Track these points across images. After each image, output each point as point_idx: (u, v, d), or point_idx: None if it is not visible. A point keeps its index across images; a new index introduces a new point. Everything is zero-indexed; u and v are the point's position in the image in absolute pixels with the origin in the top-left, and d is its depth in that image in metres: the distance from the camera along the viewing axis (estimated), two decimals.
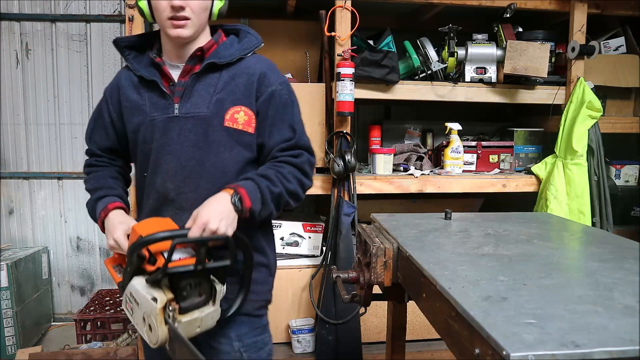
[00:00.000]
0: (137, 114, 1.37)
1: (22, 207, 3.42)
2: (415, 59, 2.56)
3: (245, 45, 1.39)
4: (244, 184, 1.27)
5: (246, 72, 1.35)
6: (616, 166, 2.96)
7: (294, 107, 1.41)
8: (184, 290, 1.16)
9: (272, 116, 1.36)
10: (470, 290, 0.99)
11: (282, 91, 1.37)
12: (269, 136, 1.36)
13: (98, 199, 1.37)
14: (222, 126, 1.32)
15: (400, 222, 1.67)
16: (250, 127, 1.35)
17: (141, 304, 1.15)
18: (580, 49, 2.55)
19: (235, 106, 1.33)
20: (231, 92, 1.33)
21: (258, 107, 1.35)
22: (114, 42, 1.45)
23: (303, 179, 1.37)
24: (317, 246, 2.66)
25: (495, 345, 0.76)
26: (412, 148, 2.84)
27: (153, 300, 1.12)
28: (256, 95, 1.35)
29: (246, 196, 1.24)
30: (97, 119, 1.48)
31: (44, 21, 3.31)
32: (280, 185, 1.31)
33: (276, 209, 1.33)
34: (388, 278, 1.40)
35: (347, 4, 2.42)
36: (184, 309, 1.15)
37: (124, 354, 2.67)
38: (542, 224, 1.70)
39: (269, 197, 1.29)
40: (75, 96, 3.39)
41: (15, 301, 2.95)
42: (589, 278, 1.09)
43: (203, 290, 1.20)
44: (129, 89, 1.39)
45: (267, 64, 1.40)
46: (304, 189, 1.39)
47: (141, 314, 1.15)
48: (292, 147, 1.37)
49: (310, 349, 2.55)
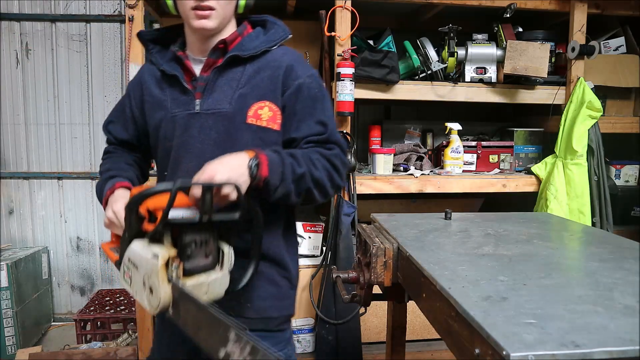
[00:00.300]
0: (158, 109, 1.32)
1: (22, 207, 3.42)
2: (415, 59, 2.56)
3: (271, 37, 1.31)
4: (268, 152, 1.18)
5: (272, 65, 1.27)
6: (616, 166, 2.96)
7: (324, 101, 1.31)
8: (188, 247, 1.05)
9: (300, 110, 1.27)
10: (470, 290, 0.99)
11: (311, 84, 1.29)
12: (296, 130, 1.27)
13: (107, 179, 1.31)
14: (244, 123, 1.25)
15: (400, 222, 1.67)
16: (275, 124, 1.27)
17: (140, 266, 1.04)
18: (580, 49, 2.55)
19: (260, 101, 1.25)
20: (255, 86, 1.26)
21: (284, 101, 1.27)
22: (137, 35, 1.39)
23: (333, 173, 1.26)
24: (317, 246, 2.66)
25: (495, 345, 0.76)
26: (412, 148, 2.84)
27: (154, 258, 1.01)
28: (282, 89, 1.27)
29: (265, 164, 1.14)
30: (118, 112, 1.44)
31: (44, 21, 3.31)
32: (305, 167, 1.20)
33: (296, 192, 1.20)
34: (388, 278, 1.39)
35: (347, 4, 2.42)
36: (188, 271, 1.05)
37: (124, 354, 2.67)
38: (542, 224, 1.70)
39: (289, 175, 1.18)
40: (75, 96, 3.39)
41: (15, 301, 2.95)
42: (589, 278, 1.09)
43: (209, 252, 1.09)
44: (152, 83, 1.34)
45: (295, 56, 1.32)
46: (333, 184, 1.27)
47: (141, 278, 1.04)
48: (323, 142, 1.27)
49: (310, 349, 2.55)
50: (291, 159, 1.19)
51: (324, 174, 1.24)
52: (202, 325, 0.91)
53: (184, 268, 1.04)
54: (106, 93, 3.40)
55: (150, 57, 1.36)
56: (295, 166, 1.19)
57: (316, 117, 1.27)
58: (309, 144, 1.27)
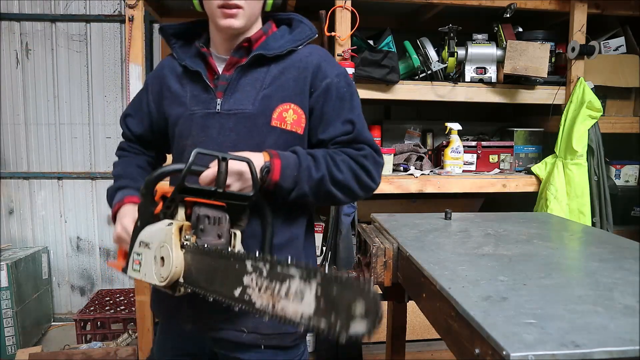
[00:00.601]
0: (177, 105, 1.27)
1: (22, 207, 3.42)
2: (415, 59, 2.56)
3: (297, 36, 1.26)
4: (284, 156, 1.16)
5: (298, 66, 1.23)
6: (616, 166, 2.96)
7: (352, 100, 1.26)
8: (201, 222, 1.04)
9: (328, 112, 1.23)
10: (470, 290, 0.99)
11: (340, 83, 1.24)
12: (324, 132, 1.23)
13: (118, 189, 1.31)
14: (269, 126, 1.20)
15: (400, 222, 1.67)
16: (300, 128, 1.23)
17: (153, 241, 1.04)
18: (580, 49, 2.54)
19: (284, 103, 1.21)
20: (280, 87, 1.21)
21: (312, 103, 1.23)
22: (160, 30, 1.33)
23: (360, 173, 1.21)
24: (317, 246, 2.65)
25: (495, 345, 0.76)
26: (412, 148, 2.84)
27: (168, 225, 1.02)
28: (310, 91, 1.23)
29: (277, 169, 1.13)
30: (136, 106, 1.40)
31: (44, 21, 3.31)
32: (324, 170, 1.17)
33: (313, 195, 1.18)
34: (388, 278, 1.39)
35: (347, 3, 2.42)
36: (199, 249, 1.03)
37: (124, 354, 2.67)
38: (542, 224, 1.70)
39: (305, 179, 1.16)
40: (75, 96, 3.39)
41: (15, 301, 2.95)
42: (589, 278, 1.09)
43: (222, 232, 1.07)
44: (172, 78, 1.30)
45: (322, 54, 1.27)
46: (362, 186, 1.22)
47: (152, 254, 1.03)
48: (351, 141, 1.23)
49: (310, 349, 2.55)
50: (310, 162, 1.17)
51: (349, 176, 1.20)
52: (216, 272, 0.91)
53: (196, 243, 1.03)
54: (106, 93, 3.40)
55: (173, 52, 1.32)
56: (312, 170, 1.16)
57: (343, 116, 1.23)
58: (337, 144, 1.23)
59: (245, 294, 0.83)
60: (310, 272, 0.74)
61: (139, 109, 1.39)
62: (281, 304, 0.77)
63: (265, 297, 0.80)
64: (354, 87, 1.29)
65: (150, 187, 1.07)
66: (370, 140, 1.25)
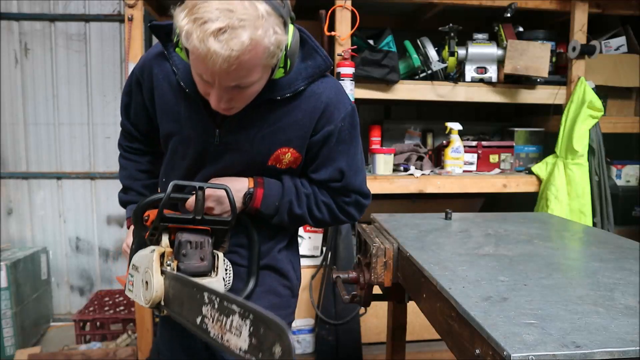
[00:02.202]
0: (170, 119, 1.20)
1: (21, 207, 3.41)
2: (416, 58, 2.55)
3: (310, 70, 1.14)
4: (269, 186, 1.20)
5: (304, 108, 1.15)
6: (617, 166, 2.96)
7: (352, 142, 1.23)
8: (183, 247, 1.10)
9: (323, 155, 1.22)
10: (471, 290, 0.98)
11: (343, 127, 1.19)
12: (314, 172, 1.24)
13: (127, 202, 1.37)
14: (265, 165, 1.20)
15: (400, 222, 1.67)
16: (295, 164, 1.23)
17: (140, 265, 1.10)
18: (581, 49, 2.54)
19: (284, 147, 1.18)
20: (282, 130, 1.16)
21: (310, 144, 1.20)
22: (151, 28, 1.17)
23: (339, 215, 1.27)
24: (317, 246, 2.65)
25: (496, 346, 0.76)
26: (413, 148, 2.83)
27: (151, 252, 1.08)
28: (312, 133, 1.18)
29: (259, 198, 1.19)
30: (130, 95, 1.30)
31: (43, 21, 3.30)
32: (305, 208, 1.24)
33: (291, 224, 1.27)
34: (388, 278, 1.39)
35: (347, 3, 2.41)
36: (183, 271, 1.09)
37: (123, 355, 2.67)
38: (543, 224, 1.70)
39: (285, 211, 1.22)
40: (75, 96, 3.38)
41: (14, 301, 2.94)
42: (590, 278, 1.09)
43: (204, 256, 1.13)
44: (165, 86, 1.18)
45: (332, 94, 1.18)
46: (339, 223, 1.31)
47: (140, 277, 1.10)
48: (339, 189, 1.25)
49: (310, 349, 2.54)
50: (293, 197, 1.22)
51: (328, 216, 1.27)
52: (184, 298, 0.96)
53: (179, 267, 1.09)
54: (105, 93, 3.40)
55: (169, 58, 1.17)
56: (294, 206, 1.22)
57: (336, 164, 1.22)
58: (326, 188, 1.25)
59: (204, 323, 0.88)
60: (246, 310, 0.78)
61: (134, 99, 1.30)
62: (227, 336, 0.81)
63: (217, 327, 0.84)
64: (357, 127, 1.25)
65: (138, 216, 1.13)
66: (358, 187, 1.26)
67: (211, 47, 0.90)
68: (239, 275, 1.27)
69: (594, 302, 0.92)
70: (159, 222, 1.09)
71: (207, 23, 0.90)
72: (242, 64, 0.94)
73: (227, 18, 0.90)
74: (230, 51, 0.91)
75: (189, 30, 0.92)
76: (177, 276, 1.03)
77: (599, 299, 0.94)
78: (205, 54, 0.92)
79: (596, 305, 0.91)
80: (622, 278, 1.07)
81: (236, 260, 1.27)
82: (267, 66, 1.01)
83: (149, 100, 1.25)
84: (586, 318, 0.85)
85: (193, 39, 0.91)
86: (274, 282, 1.33)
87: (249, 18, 0.91)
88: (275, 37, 0.96)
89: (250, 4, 0.92)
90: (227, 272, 1.22)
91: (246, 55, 0.93)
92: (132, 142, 1.39)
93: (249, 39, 0.91)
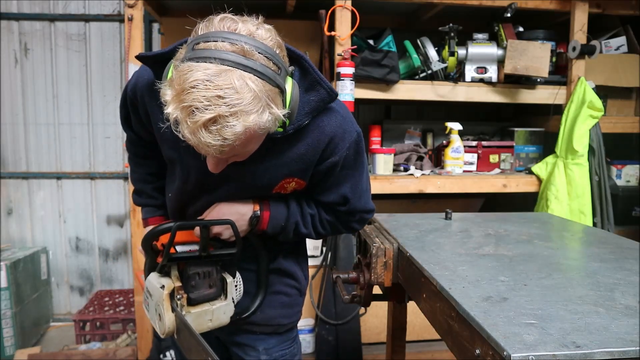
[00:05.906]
0: (169, 146, 1.18)
1: (21, 207, 3.41)
2: (416, 58, 2.55)
3: (314, 105, 1.08)
4: (275, 208, 1.23)
5: (309, 142, 1.12)
6: (617, 166, 2.96)
7: (356, 168, 1.21)
8: (192, 279, 1.15)
9: (328, 181, 1.21)
10: (471, 290, 0.98)
11: (348, 155, 1.17)
12: (319, 194, 1.25)
13: (141, 204, 1.40)
14: (270, 192, 1.20)
15: (401, 222, 1.67)
16: (299, 188, 1.23)
17: (153, 295, 1.16)
18: (581, 49, 2.54)
19: (288, 178, 1.17)
20: (285, 164, 1.14)
21: (314, 172, 1.18)
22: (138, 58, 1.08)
23: (342, 229, 1.33)
24: (317, 246, 2.65)
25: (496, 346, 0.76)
26: (413, 148, 2.83)
27: (160, 288, 1.13)
28: (316, 164, 1.16)
29: (266, 220, 1.22)
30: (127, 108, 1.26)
31: (43, 21, 3.31)
32: (310, 228, 1.27)
33: (296, 238, 1.30)
34: (388, 278, 1.39)
35: (347, 3, 2.41)
36: (193, 300, 1.15)
37: (123, 355, 2.67)
38: (543, 224, 1.69)
39: (291, 231, 1.25)
40: (75, 96, 3.38)
41: (14, 301, 2.94)
42: (590, 278, 1.09)
43: (213, 283, 1.18)
44: (159, 115, 1.04)
45: (339, 123, 1.14)
46: (341, 234, 1.40)
47: (154, 305, 1.16)
48: (345, 212, 1.27)
49: (310, 349, 2.54)
50: (299, 217, 1.25)
51: (331, 231, 1.32)
52: (192, 349, 1.04)
53: (189, 297, 1.14)
54: (105, 93, 3.40)
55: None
56: (299, 226, 1.25)
57: (341, 191, 1.22)
58: (331, 209, 1.27)
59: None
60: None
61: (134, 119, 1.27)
62: None
63: None
64: (363, 152, 1.22)
65: (147, 244, 1.17)
66: (362, 207, 1.28)
67: (202, 138, 0.87)
68: (248, 280, 1.30)
69: (594, 302, 0.92)
70: (167, 261, 1.13)
71: (196, 114, 0.85)
72: (237, 146, 0.92)
73: (216, 106, 0.85)
74: (223, 140, 0.88)
75: (177, 118, 0.88)
76: (185, 324, 1.08)
77: (599, 299, 0.94)
78: (197, 144, 0.90)
79: (596, 305, 0.91)
80: (622, 278, 1.07)
81: (244, 266, 1.29)
82: (264, 135, 1.00)
83: (146, 122, 1.22)
84: (586, 318, 0.85)
85: (183, 129, 0.88)
86: (282, 284, 1.36)
87: (240, 103, 0.86)
88: (270, 116, 0.92)
89: (240, 84, 0.86)
90: (237, 287, 1.26)
91: (240, 140, 0.90)
92: (138, 148, 1.37)
93: (242, 126, 0.87)
